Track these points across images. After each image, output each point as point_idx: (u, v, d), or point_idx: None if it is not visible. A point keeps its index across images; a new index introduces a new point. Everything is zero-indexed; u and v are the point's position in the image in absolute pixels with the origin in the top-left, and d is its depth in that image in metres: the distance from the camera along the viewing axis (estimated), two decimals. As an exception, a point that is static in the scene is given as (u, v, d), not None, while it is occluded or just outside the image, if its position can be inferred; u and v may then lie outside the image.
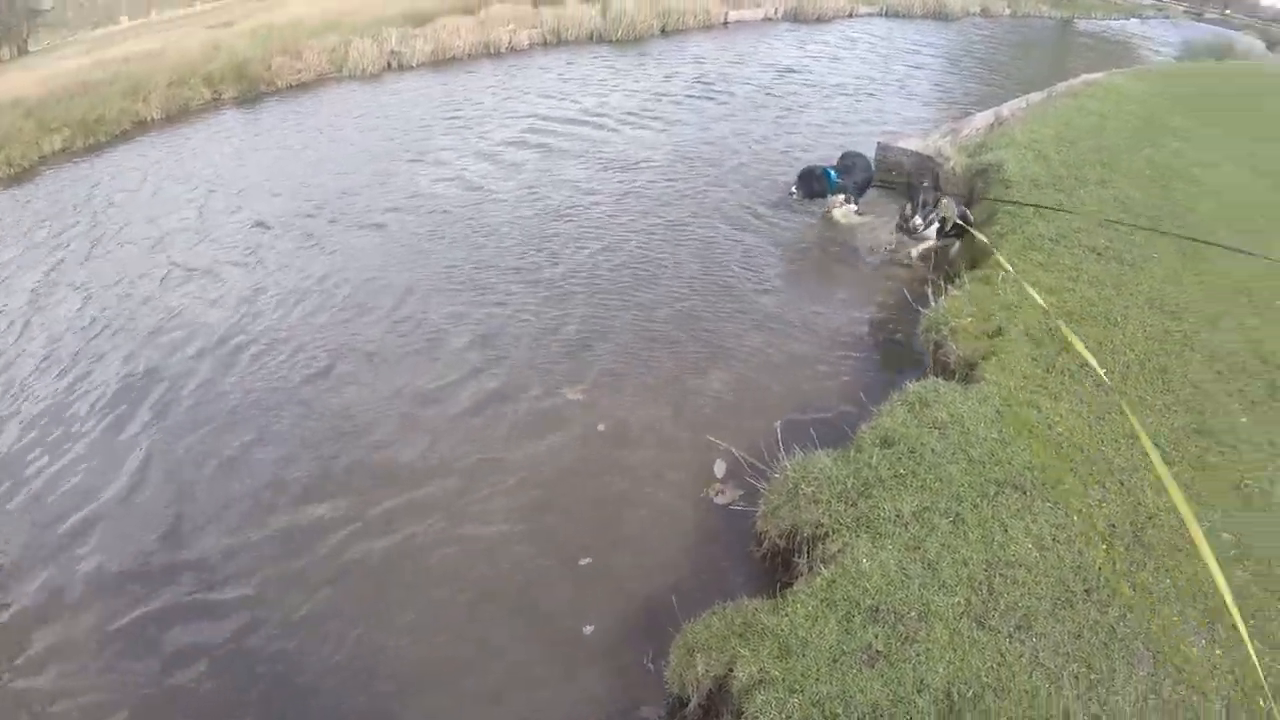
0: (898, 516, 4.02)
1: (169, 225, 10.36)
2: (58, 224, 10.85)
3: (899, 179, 9.98)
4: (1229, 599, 1.97)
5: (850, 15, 29.60)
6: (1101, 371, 3.72)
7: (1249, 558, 3.87)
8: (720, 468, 5.31)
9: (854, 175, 8.86)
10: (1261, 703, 3.25)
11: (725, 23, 26.66)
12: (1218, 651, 3.42)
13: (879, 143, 10.39)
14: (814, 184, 8.61)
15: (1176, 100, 13.38)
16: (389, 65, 19.19)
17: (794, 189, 8.77)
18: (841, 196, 8.75)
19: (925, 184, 8.34)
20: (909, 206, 8.13)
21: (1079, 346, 2.56)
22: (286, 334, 7.42)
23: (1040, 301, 3.44)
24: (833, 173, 8.61)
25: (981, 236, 5.96)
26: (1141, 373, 5.22)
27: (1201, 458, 4.53)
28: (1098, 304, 5.99)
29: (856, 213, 8.95)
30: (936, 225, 7.93)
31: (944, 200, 7.89)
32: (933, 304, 6.26)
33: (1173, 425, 4.77)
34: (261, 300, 8.08)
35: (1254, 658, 2.22)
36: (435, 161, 11.86)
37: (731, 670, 3.46)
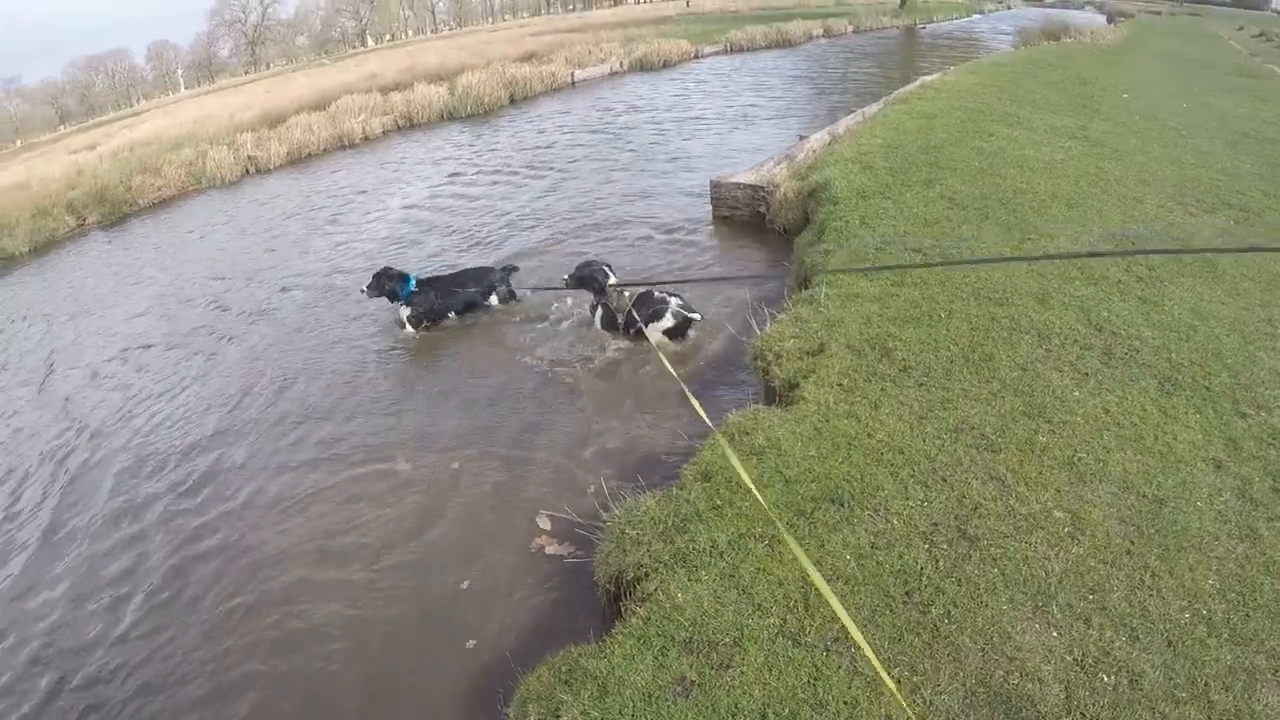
0: (713, 548, 4.11)
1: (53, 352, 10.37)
2: None
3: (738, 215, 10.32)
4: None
5: (696, 57, 30.68)
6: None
7: (1084, 533, 4.00)
8: (544, 520, 5.31)
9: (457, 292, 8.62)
10: (1105, 678, 3.33)
11: (573, 82, 27.43)
12: (1053, 634, 3.51)
13: (712, 181, 10.70)
14: (386, 283, 8.41)
15: (1005, 89, 14.08)
16: (247, 171, 19.92)
17: (365, 288, 8.54)
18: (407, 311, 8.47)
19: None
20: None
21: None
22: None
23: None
24: (412, 279, 8.43)
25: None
26: (966, 365, 5.43)
27: (1030, 440, 4.71)
28: (921, 304, 6.24)
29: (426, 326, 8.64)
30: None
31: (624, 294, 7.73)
32: (758, 331, 6.39)
33: (999, 412, 4.96)
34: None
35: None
36: (288, 261, 12.12)
37: (558, 716, 3.47)
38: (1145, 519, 4.08)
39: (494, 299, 8.67)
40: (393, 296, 8.41)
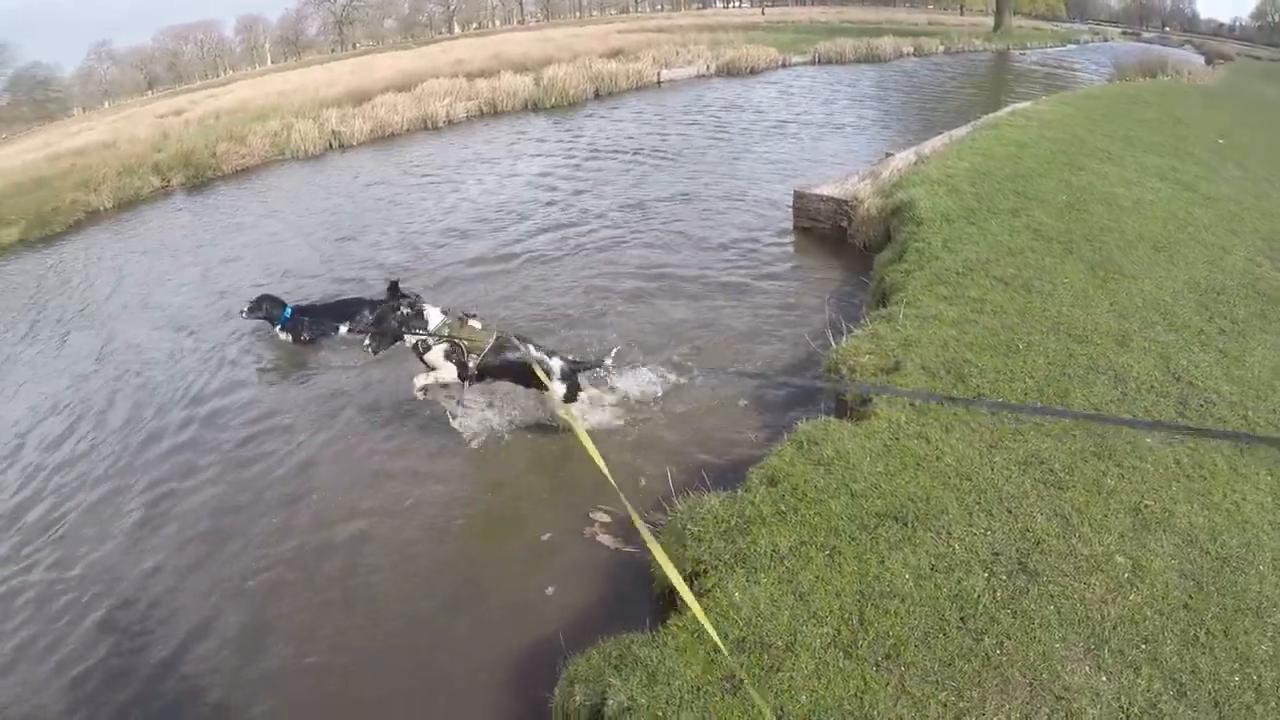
0: (774, 552, 4.13)
1: (116, 308, 10.94)
2: (20, 309, 11.65)
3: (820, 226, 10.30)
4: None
5: (783, 65, 30.48)
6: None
7: (1143, 581, 3.94)
8: (600, 513, 5.40)
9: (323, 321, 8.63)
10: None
11: (659, 82, 27.30)
12: (1103, 678, 3.47)
13: (796, 190, 10.67)
14: (267, 306, 8.55)
15: (1098, 123, 13.83)
16: (330, 145, 20.28)
17: (245, 310, 8.63)
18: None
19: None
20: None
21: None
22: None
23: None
24: (289, 309, 8.52)
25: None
26: (1040, 399, 5.36)
27: (1098, 481, 4.63)
28: (1000, 333, 6.15)
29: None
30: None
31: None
32: (833, 344, 6.38)
33: (1070, 449, 4.89)
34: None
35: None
36: (371, 241, 12.34)
37: (605, 698, 3.54)
38: (1206, 575, 3.99)
39: (343, 329, 8.48)
40: (271, 321, 8.55)
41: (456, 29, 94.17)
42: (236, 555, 5.56)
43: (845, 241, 10.06)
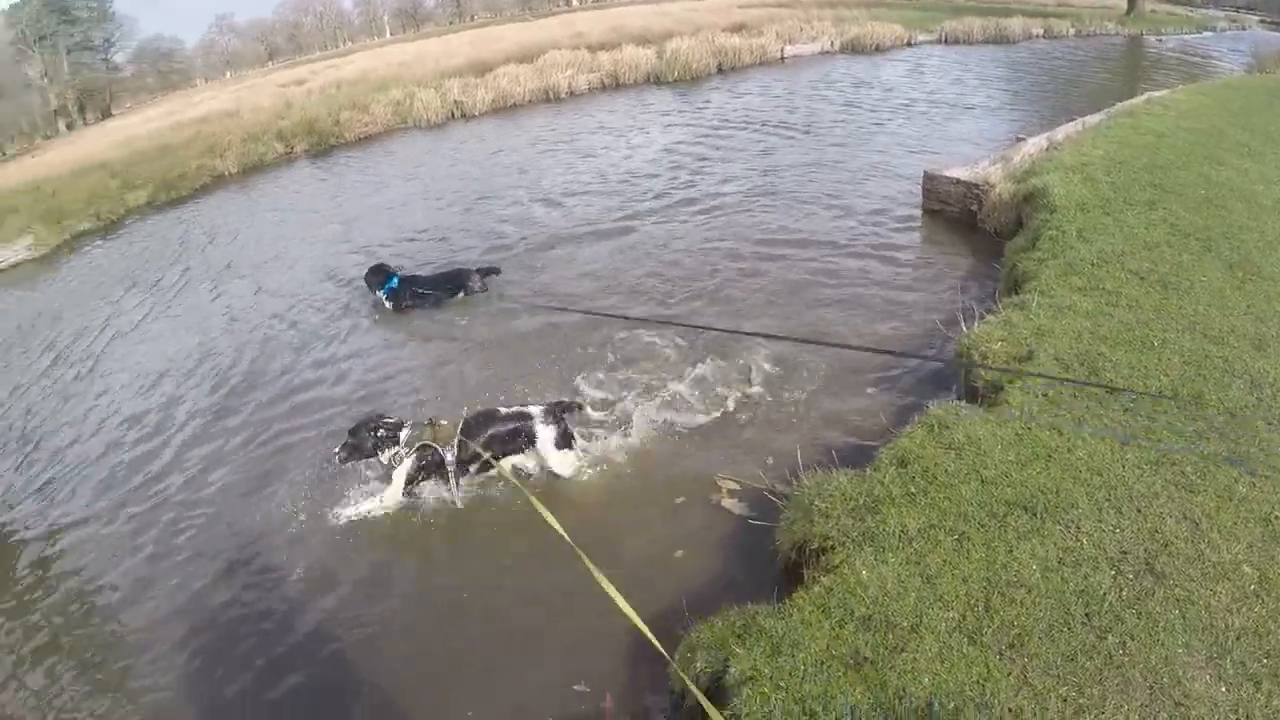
0: (903, 532, 4.17)
1: (257, 261, 11.66)
2: (150, 267, 12.41)
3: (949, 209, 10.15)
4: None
5: (908, 44, 29.62)
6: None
7: (1269, 594, 3.84)
8: (727, 483, 5.53)
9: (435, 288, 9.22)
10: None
11: (782, 58, 26.78)
12: (1223, 689, 3.41)
13: (925, 172, 10.51)
14: (373, 278, 9.15)
15: (1238, 116, 13.22)
16: (452, 115, 20.57)
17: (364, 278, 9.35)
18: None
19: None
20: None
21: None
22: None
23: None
24: (395, 279, 9.03)
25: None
26: (1174, 398, 5.22)
27: (1230, 488, 4.50)
28: (1135, 328, 6.00)
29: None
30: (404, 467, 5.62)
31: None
32: (965, 329, 6.34)
33: (1202, 453, 4.77)
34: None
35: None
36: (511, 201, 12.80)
37: (728, 666, 3.63)
38: (1336, 594, 3.89)
39: (462, 294, 9.16)
40: (376, 288, 9.18)
41: (575, 1, 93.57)
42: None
43: (975, 226, 9.86)
